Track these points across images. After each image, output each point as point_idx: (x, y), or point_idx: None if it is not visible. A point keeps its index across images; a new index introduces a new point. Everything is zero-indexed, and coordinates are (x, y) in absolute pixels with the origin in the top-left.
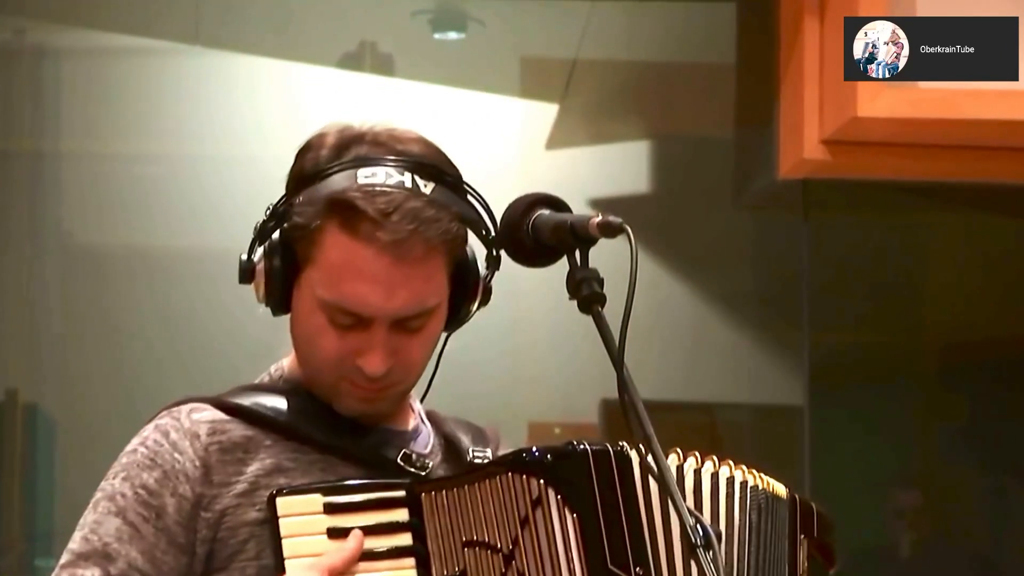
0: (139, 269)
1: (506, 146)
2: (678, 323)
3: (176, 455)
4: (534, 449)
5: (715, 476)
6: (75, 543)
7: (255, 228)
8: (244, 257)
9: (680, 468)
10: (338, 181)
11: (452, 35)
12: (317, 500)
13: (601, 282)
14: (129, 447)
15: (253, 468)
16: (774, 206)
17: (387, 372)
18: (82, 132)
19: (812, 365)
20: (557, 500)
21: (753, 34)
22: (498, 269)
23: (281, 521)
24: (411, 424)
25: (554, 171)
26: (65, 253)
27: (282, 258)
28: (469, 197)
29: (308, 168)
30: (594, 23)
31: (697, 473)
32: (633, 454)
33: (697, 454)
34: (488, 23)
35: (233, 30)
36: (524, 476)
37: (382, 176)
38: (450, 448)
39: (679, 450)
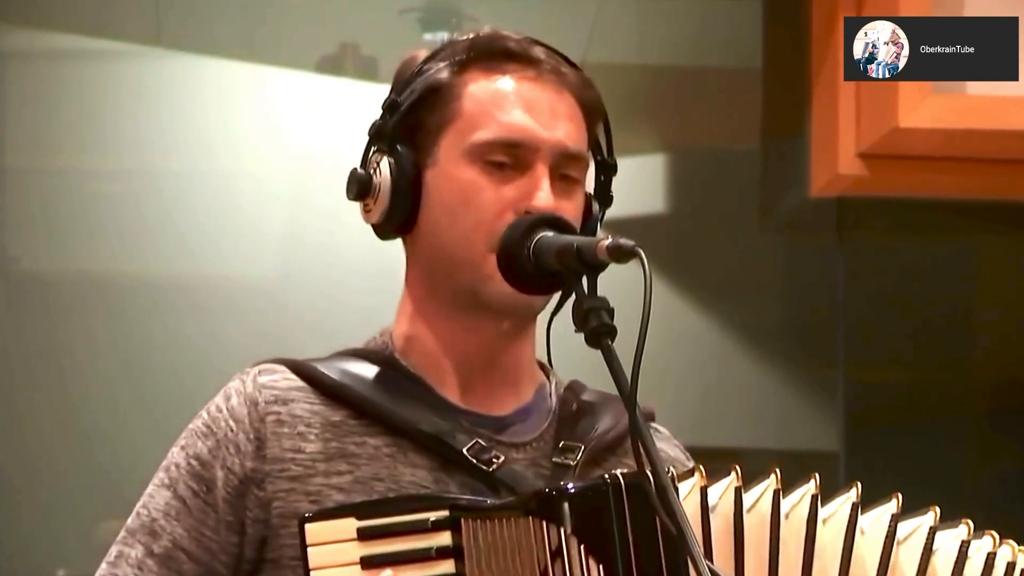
0: (95, 299)
1: None
2: (697, 358)
3: (231, 423)
4: (555, 489)
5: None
6: (131, 518)
7: (370, 130)
8: (359, 169)
9: (965, 547)
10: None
11: (444, 35)
12: (351, 525)
13: (611, 312)
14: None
15: (313, 448)
16: (805, 227)
17: None
18: (29, 145)
19: (848, 406)
20: (579, 550)
21: (782, 35)
22: (609, 207)
23: (310, 550)
24: (521, 403)
25: None
26: (10, 281)
27: (413, 143)
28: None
29: (416, 60)
30: (602, 22)
31: (990, 558)
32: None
33: (969, 523)
34: (484, 22)
35: (199, 30)
36: (543, 522)
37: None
38: (556, 441)
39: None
